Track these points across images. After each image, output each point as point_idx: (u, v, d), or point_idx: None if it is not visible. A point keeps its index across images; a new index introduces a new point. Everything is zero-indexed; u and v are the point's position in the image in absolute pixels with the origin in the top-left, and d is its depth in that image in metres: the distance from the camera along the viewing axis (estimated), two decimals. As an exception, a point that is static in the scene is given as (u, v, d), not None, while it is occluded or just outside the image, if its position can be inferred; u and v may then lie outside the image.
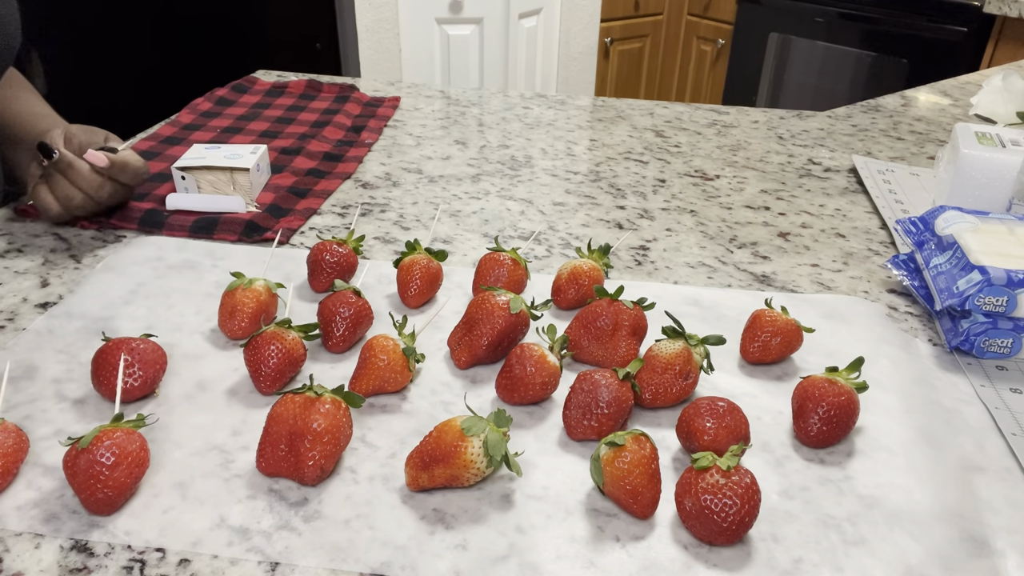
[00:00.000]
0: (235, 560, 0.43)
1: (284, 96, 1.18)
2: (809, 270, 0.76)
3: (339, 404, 0.47)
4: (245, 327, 0.60)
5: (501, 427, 0.46)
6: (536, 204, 0.87)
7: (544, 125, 1.13)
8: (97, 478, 0.43)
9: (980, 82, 1.39)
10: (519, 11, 2.53)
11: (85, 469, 0.44)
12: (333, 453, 0.47)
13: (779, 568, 0.43)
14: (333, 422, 0.46)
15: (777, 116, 1.20)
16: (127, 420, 0.46)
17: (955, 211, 0.69)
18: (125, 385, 0.52)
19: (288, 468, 0.47)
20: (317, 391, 0.47)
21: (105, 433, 0.44)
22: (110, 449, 0.44)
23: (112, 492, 0.44)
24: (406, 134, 1.07)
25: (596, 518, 0.46)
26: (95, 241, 0.75)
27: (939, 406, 0.57)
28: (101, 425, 0.45)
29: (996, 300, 0.59)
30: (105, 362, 0.52)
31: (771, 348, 0.59)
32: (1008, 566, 0.44)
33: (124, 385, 0.51)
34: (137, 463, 0.45)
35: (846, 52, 2.47)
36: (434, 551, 0.43)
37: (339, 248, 0.67)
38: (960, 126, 0.84)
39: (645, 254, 0.78)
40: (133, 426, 0.46)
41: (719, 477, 0.43)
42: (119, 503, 0.45)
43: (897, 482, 0.50)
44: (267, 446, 0.47)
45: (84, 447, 0.44)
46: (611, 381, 0.51)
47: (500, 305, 0.57)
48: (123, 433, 0.45)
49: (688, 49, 3.07)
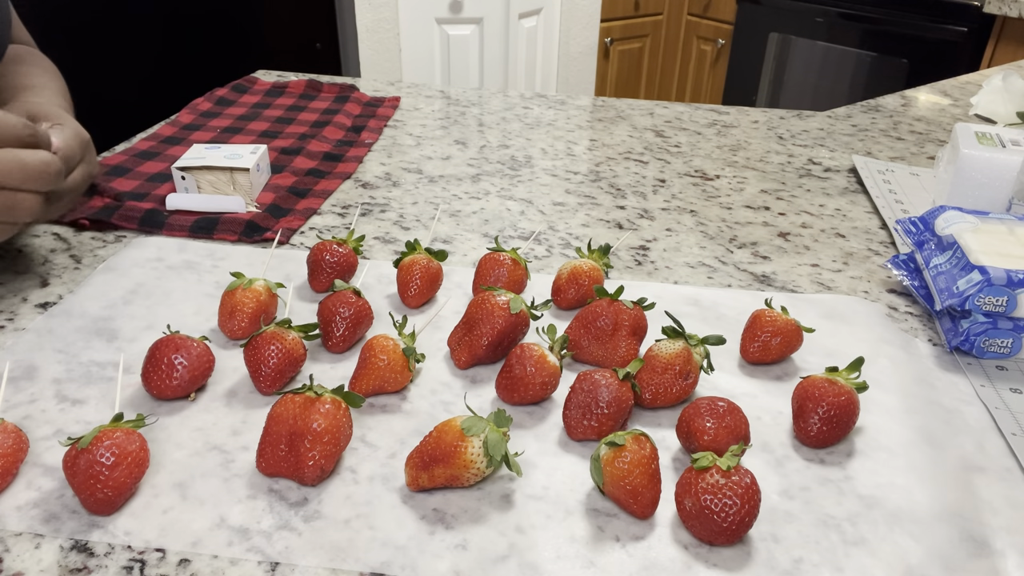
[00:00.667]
0: (235, 560, 0.43)
1: (284, 96, 1.18)
2: (809, 270, 0.76)
3: (339, 404, 0.47)
4: (245, 327, 0.60)
5: (501, 427, 0.46)
6: (536, 204, 0.87)
7: (544, 125, 1.13)
8: (97, 478, 0.43)
9: (980, 82, 1.39)
10: (519, 11, 2.53)
11: (85, 469, 0.43)
12: (333, 453, 0.47)
13: (779, 568, 0.43)
14: (333, 422, 0.46)
15: (777, 116, 1.20)
16: (127, 420, 0.46)
17: (955, 211, 0.69)
18: (170, 381, 0.53)
19: (288, 468, 0.47)
20: (317, 391, 0.47)
21: (105, 433, 0.44)
22: (110, 449, 0.44)
23: (112, 492, 0.44)
24: (406, 134, 1.07)
25: (596, 518, 0.46)
26: (95, 241, 0.75)
27: (939, 406, 0.57)
28: (101, 425, 0.45)
29: (996, 300, 0.59)
30: (155, 358, 0.53)
31: (771, 348, 0.59)
32: (1008, 566, 0.44)
33: (169, 381, 0.52)
34: (137, 463, 0.45)
35: (846, 52, 2.47)
36: (434, 551, 0.43)
37: (339, 248, 0.67)
38: (960, 126, 0.84)
39: (645, 254, 0.78)
40: (133, 426, 0.46)
41: (719, 477, 0.43)
42: (119, 503, 0.45)
43: (897, 482, 0.50)
44: (267, 446, 0.47)
45: (84, 447, 0.44)
46: (611, 381, 0.51)
47: (500, 305, 0.57)
48: (123, 433, 0.45)
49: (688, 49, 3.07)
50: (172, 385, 0.53)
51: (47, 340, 0.60)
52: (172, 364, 0.52)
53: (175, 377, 0.52)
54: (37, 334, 0.60)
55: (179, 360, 0.52)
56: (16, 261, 0.71)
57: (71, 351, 0.59)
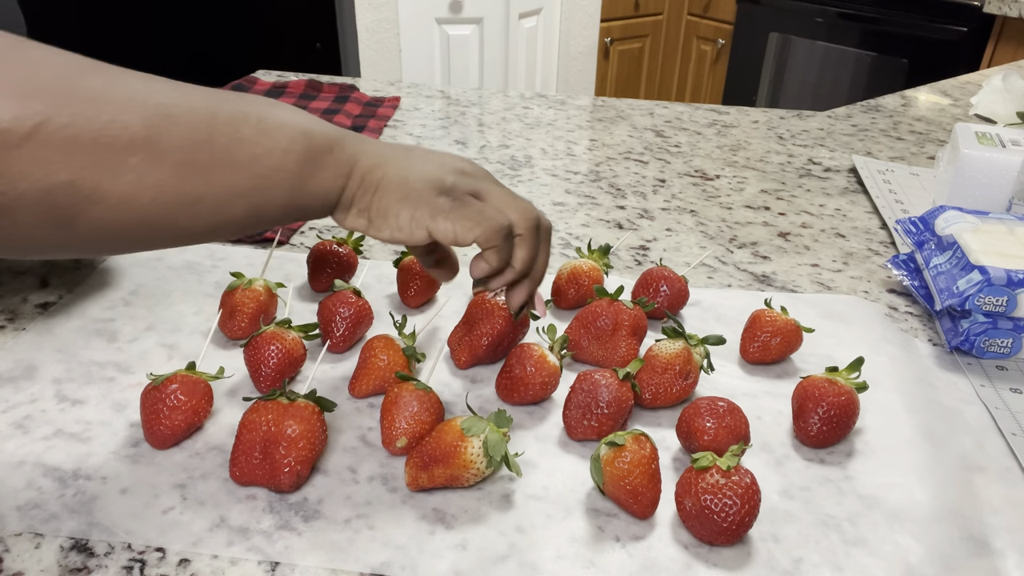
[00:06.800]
0: (235, 560, 0.43)
1: (284, 96, 1.18)
2: (809, 270, 0.76)
3: (312, 409, 0.47)
4: (245, 327, 0.60)
5: (501, 427, 0.46)
6: (536, 204, 0.87)
7: (544, 125, 1.13)
8: (158, 415, 0.49)
9: (980, 82, 1.39)
10: (519, 11, 2.53)
11: (150, 405, 0.49)
12: (309, 458, 0.46)
13: (779, 568, 0.43)
14: (308, 427, 0.46)
15: (777, 116, 1.20)
16: (201, 371, 0.51)
17: (955, 211, 0.69)
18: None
19: (263, 476, 0.46)
20: (290, 396, 0.47)
21: (174, 378, 0.50)
22: (174, 393, 0.49)
23: (167, 430, 0.49)
24: (406, 134, 1.07)
25: (596, 518, 0.46)
26: (95, 241, 0.75)
27: (939, 406, 0.57)
28: (178, 369, 0.51)
29: (996, 300, 0.59)
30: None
31: (771, 348, 0.59)
32: (1008, 566, 0.44)
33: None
34: (194, 410, 0.49)
35: (846, 52, 2.47)
36: (434, 551, 0.43)
37: (339, 248, 0.67)
38: (960, 126, 0.84)
39: (645, 254, 0.78)
40: (209, 378, 0.51)
41: (719, 477, 0.43)
42: (171, 442, 0.49)
43: (897, 482, 0.50)
44: (240, 454, 0.47)
45: (156, 385, 0.49)
46: (611, 381, 0.51)
47: (500, 305, 0.57)
48: (191, 380, 0.50)
49: (688, 49, 3.07)
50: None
51: (47, 340, 0.60)
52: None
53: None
54: (37, 334, 0.60)
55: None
56: (16, 261, 0.71)
57: (71, 351, 0.59)
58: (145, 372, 0.56)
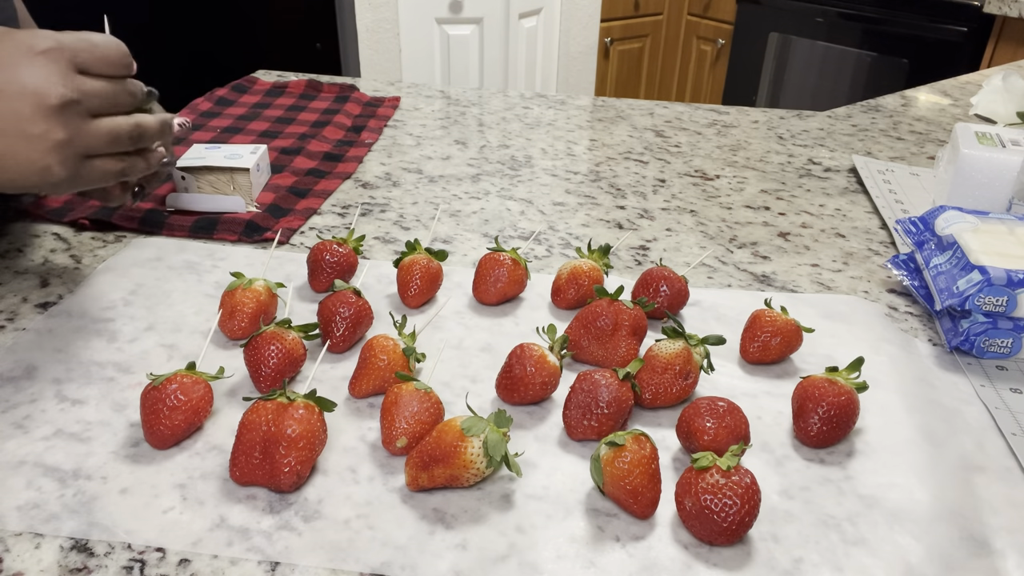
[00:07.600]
0: (235, 560, 0.43)
1: (284, 96, 1.18)
2: (809, 270, 0.76)
3: (312, 409, 0.47)
4: (245, 327, 0.60)
5: (501, 427, 0.46)
6: (536, 204, 0.87)
7: (544, 125, 1.13)
8: (158, 415, 0.49)
9: (980, 82, 1.39)
10: (519, 11, 2.53)
11: (150, 405, 0.49)
12: (309, 458, 0.46)
13: (779, 568, 0.43)
14: (308, 427, 0.46)
15: (777, 116, 1.20)
16: (201, 371, 0.51)
17: (955, 211, 0.69)
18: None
19: (263, 476, 0.46)
20: (290, 396, 0.47)
21: (174, 377, 0.49)
22: (174, 393, 0.49)
23: (167, 430, 0.49)
24: (406, 134, 1.07)
25: (596, 518, 0.46)
26: (95, 241, 0.75)
27: (939, 406, 0.57)
28: (178, 369, 0.50)
29: (996, 300, 0.59)
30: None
31: (771, 348, 0.59)
32: (1008, 566, 0.44)
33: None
34: (194, 410, 0.49)
35: (846, 52, 2.47)
36: (434, 551, 0.43)
37: (339, 248, 0.67)
38: (960, 126, 0.84)
39: (645, 254, 0.78)
40: (208, 378, 0.51)
41: (719, 477, 0.43)
42: (171, 442, 0.49)
43: (897, 482, 0.50)
44: (240, 455, 0.47)
45: (156, 385, 0.49)
46: (611, 381, 0.51)
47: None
48: (190, 380, 0.50)
49: (688, 49, 3.07)
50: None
51: (47, 340, 0.60)
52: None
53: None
54: (37, 334, 0.60)
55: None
56: (16, 261, 0.71)
57: (71, 351, 0.59)
58: (145, 372, 0.56)
